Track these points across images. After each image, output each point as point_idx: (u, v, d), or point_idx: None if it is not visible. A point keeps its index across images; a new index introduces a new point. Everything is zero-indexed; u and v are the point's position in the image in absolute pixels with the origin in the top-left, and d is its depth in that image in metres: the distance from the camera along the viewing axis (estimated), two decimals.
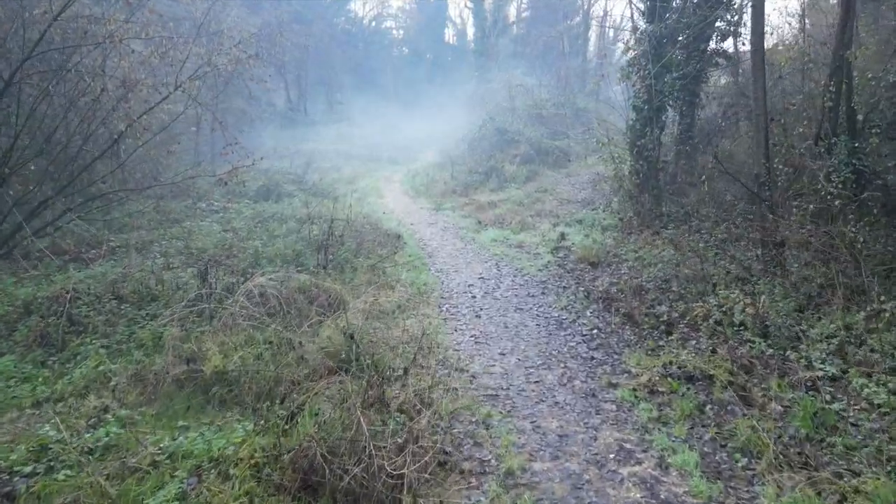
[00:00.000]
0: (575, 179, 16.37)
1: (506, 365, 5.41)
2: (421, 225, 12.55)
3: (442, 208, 14.49)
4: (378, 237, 10.53)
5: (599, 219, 11.76)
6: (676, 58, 10.38)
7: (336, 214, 12.43)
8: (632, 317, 6.59)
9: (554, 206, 13.72)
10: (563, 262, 8.99)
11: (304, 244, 9.32)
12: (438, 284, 7.92)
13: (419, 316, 6.60)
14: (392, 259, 9.10)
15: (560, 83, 25.13)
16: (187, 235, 10.48)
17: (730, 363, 5.13)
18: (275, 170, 17.75)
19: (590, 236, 10.51)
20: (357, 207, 14.50)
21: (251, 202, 14.13)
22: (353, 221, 11.45)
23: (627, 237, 10.26)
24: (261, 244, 9.43)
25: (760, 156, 7.03)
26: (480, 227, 12.10)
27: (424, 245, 10.46)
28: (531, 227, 11.73)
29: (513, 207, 13.70)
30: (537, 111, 20.69)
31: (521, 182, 16.24)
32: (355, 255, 8.89)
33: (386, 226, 11.99)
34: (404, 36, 57.32)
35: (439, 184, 17.54)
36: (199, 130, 20.10)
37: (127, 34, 7.69)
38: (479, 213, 13.52)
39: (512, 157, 17.57)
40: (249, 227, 11.19)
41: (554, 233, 10.93)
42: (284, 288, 6.42)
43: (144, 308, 6.13)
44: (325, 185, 17.06)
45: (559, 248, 9.83)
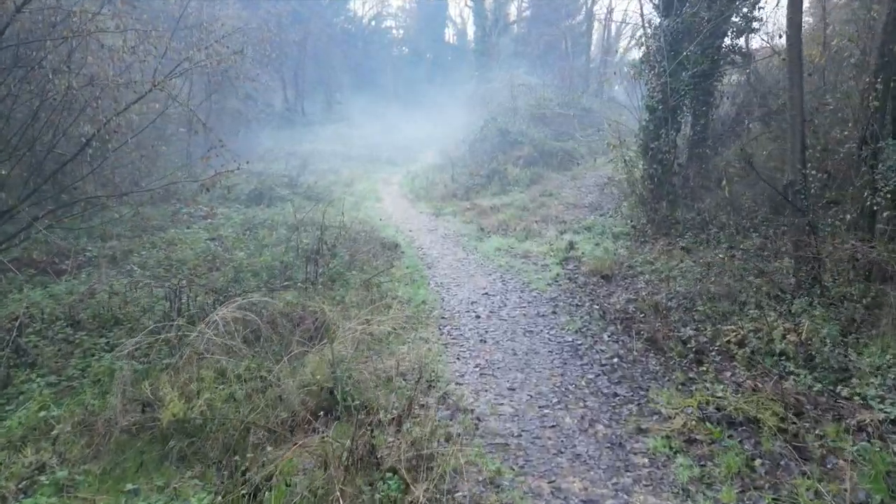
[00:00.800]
0: (581, 182, 15.64)
1: (516, 403, 4.68)
2: (420, 232, 11.83)
3: (442, 213, 13.76)
4: (374, 246, 9.80)
5: (609, 225, 11.03)
6: (693, 54, 9.65)
7: (330, 221, 11.72)
8: (655, 341, 5.86)
9: (560, 211, 12.98)
10: (574, 275, 8.26)
11: (294, 255, 8.60)
12: (439, 301, 7.19)
13: (417, 341, 5.88)
14: (388, 272, 8.37)
15: (564, 82, 24.38)
16: (169, 245, 9.77)
17: (777, 403, 4.40)
18: (269, 172, 17.03)
19: (601, 245, 9.78)
20: (353, 212, 13.79)
21: (242, 207, 13.41)
22: (347, 228, 10.74)
23: (641, 246, 9.53)
24: (246, 255, 8.71)
25: (795, 160, 6.30)
26: (483, 234, 11.37)
27: (424, 255, 9.73)
28: (537, 235, 11.00)
29: (517, 213, 12.96)
30: (540, 111, 19.95)
31: (524, 185, 15.51)
32: (348, 267, 8.16)
33: (383, 233, 11.26)
34: (404, 35, 56.63)
35: (439, 187, 16.81)
36: (190, 132, 19.40)
37: (97, 28, 6.95)
38: (481, 219, 12.79)
39: (515, 159, 16.83)
40: (237, 234, 10.47)
41: (562, 241, 10.20)
42: (266, 310, 5.70)
43: (106, 335, 5.40)
44: (321, 189, 16.32)
45: (568, 258, 9.10)
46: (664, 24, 9.77)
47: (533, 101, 20.76)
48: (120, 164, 12.44)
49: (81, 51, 7.27)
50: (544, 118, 19.77)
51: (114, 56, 7.47)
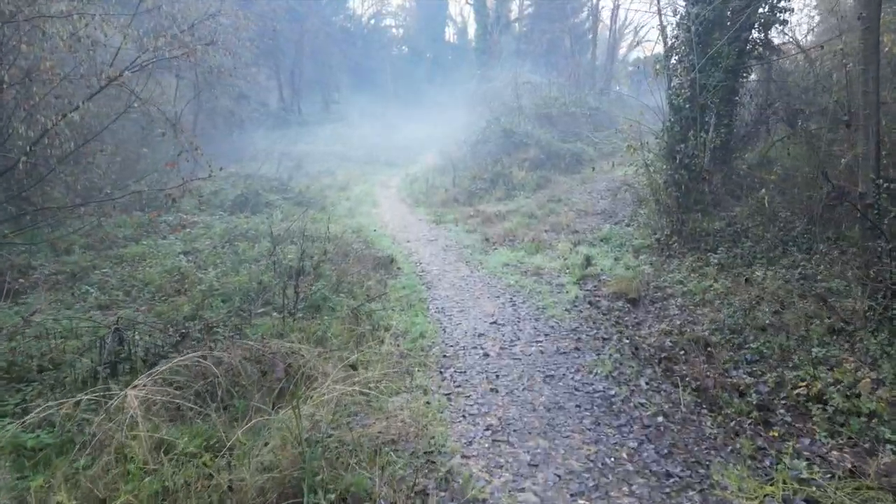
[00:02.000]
0: (591, 187, 14.53)
1: (540, 488, 3.58)
2: (419, 242, 10.71)
3: (443, 220, 12.65)
4: (367, 261, 8.70)
5: (628, 237, 9.92)
6: (725, 47, 8.55)
7: (320, 230, 10.61)
8: (705, 390, 4.76)
9: (571, 218, 11.87)
10: (595, 298, 7.15)
11: (275, 273, 7.49)
12: (439, 333, 6.08)
13: (413, 390, 4.77)
14: (382, 295, 7.27)
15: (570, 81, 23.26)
16: (138, 260, 8.67)
17: (884, 493, 3.30)
18: (259, 175, 15.91)
19: (621, 260, 8.68)
20: (347, 220, 12.69)
21: (226, 214, 12.30)
22: (337, 240, 9.63)
23: (667, 262, 8.43)
24: (220, 273, 7.60)
25: (868, 169, 5.20)
26: (488, 245, 10.27)
27: (423, 271, 8.62)
28: (548, 247, 9.89)
29: (524, 220, 11.85)
30: (546, 111, 18.83)
31: (531, 190, 14.40)
32: (336, 289, 7.05)
33: (378, 245, 10.15)
34: (404, 34, 55.58)
35: (440, 191, 15.70)
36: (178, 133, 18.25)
37: (37, 12, 5.86)
38: (485, 227, 11.69)
39: (520, 161, 15.71)
40: (215, 247, 9.36)
41: (576, 255, 9.10)
42: (228, 354, 4.59)
43: (24, 390, 4.29)
44: (313, 193, 15.22)
45: (586, 277, 7.99)
46: (693, 12, 8.66)
47: (538, 100, 19.63)
48: (91, 169, 11.38)
49: (16, 39, 6.16)
50: (550, 118, 18.66)
51: (57, 46, 6.34)
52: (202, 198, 9.60)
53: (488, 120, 18.19)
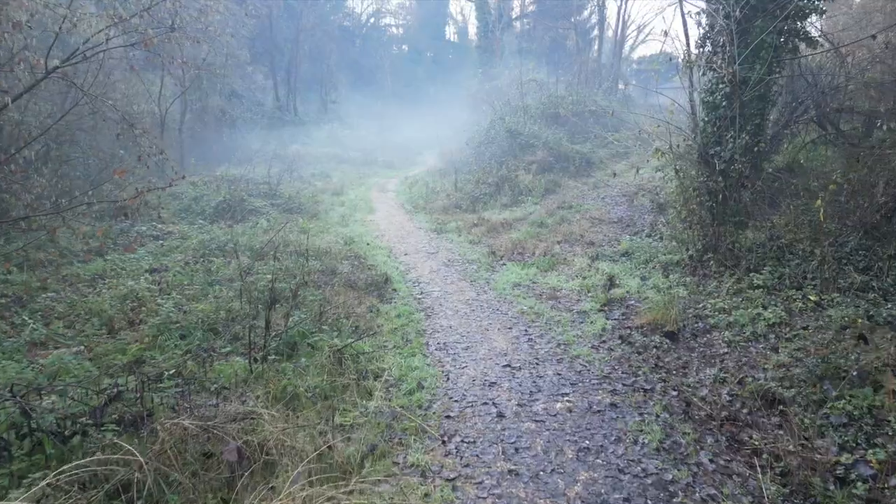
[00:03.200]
0: (604, 192, 13.36)
1: None
2: (418, 256, 9.55)
3: (444, 230, 11.49)
4: (358, 282, 7.53)
5: (652, 250, 8.76)
6: (772, 36, 7.37)
7: (309, 241, 9.46)
8: (790, 474, 3.60)
9: (585, 228, 10.71)
10: (626, 331, 5.98)
11: (249, 298, 6.34)
12: (441, 381, 4.91)
13: (407, 472, 3.61)
14: (372, 327, 6.10)
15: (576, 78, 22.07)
16: (96, 279, 7.52)
17: None
18: (246, 178, 14.73)
19: (649, 280, 7.52)
20: (340, 228, 11.53)
21: (206, 223, 11.13)
22: (326, 254, 8.47)
23: (702, 283, 7.27)
24: (184, 300, 6.44)
25: None
26: (495, 260, 9.10)
27: (421, 293, 7.45)
28: (562, 262, 8.73)
29: (533, 230, 10.69)
30: (553, 110, 17.65)
31: (539, 195, 13.23)
32: (318, 321, 5.88)
33: (372, 260, 8.99)
34: (404, 33, 54.49)
35: (441, 196, 14.54)
36: (163, 132, 17.11)
37: None
38: (490, 238, 10.52)
39: (527, 164, 14.54)
40: (187, 263, 8.20)
41: (595, 272, 7.95)
42: (167, 434, 3.43)
43: None
44: (305, 198, 14.05)
45: (612, 302, 6.83)
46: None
47: (545, 98, 18.44)
48: (64, 174, 10.29)
49: None
50: (557, 118, 17.47)
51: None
52: (160, 211, 8.44)
53: (492, 120, 17.02)
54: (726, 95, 7.54)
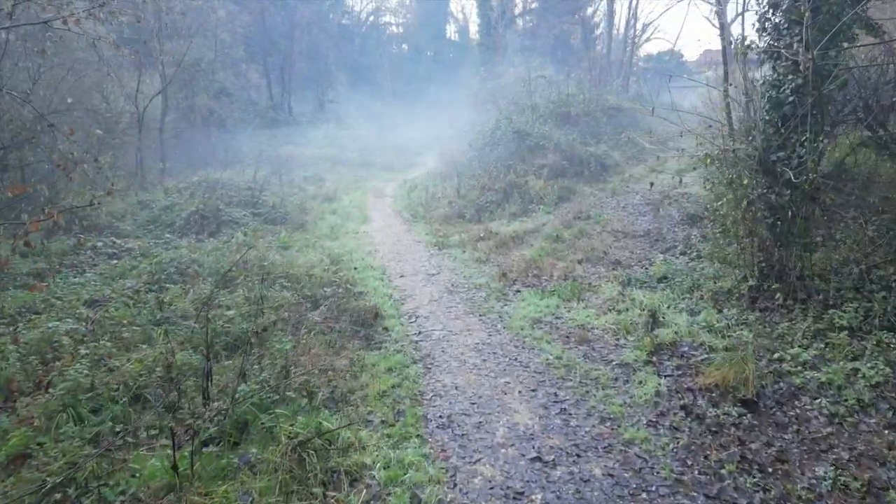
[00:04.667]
0: (624, 200, 11.86)
1: None
2: (416, 279, 8.05)
3: (447, 244, 9.99)
4: (343, 317, 6.04)
5: (694, 274, 7.28)
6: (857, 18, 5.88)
7: (288, 260, 7.98)
8: None
9: (608, 243, 9.22)
10: (688, 397, 4.49)
11: (203, 343, 4.86)
12: (445, 489, 3.42)
13: None
14: (355, 384, 4.61)
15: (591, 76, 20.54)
16: (21, 312, 6.05)
17: None
18: (229, 183, 13.23)
19: (699, 316, 6.02)
20: (329, 241, 10.04)
21: (174, 237, 9.64)
22: (306, 280, 7.00)
23: (768, 321, 5.78)
24: (113, 351, 4.95)
25: None
26: (507, 285, 7.61)
27: (419, 333, 5.96)
28: (587, 288, 7.24)
29: (548, 246, 9.20)
30: (564, 109, 16.11)
31: (551, 203, 11.73)
32: (283, 381, 4.39)
33: (362, 285, 7.49)
34: (404, 32, 53.00)
35: (442, 203, 13.04)
36: (142, 133, 15.60)
37: None
38: (500, 255, 9.03)
39: (537, 168, 13.03)
40: (137, 292, 6.71)
41: (631, 304, 6.46)
42: None
43: None
44: (293, 206, 12.54)
45: (661, 348, 5.34)
46: None
47: (554, 96, 16.92)
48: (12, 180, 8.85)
49: None
50: (568, 118, 15.94)
51: None
52: (80, 238, 7.00)
53: (497, 120, 15.51)
54: (796, 89, 6.03)
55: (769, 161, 6.37)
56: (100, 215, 9.81)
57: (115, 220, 10.12)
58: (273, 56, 29.63)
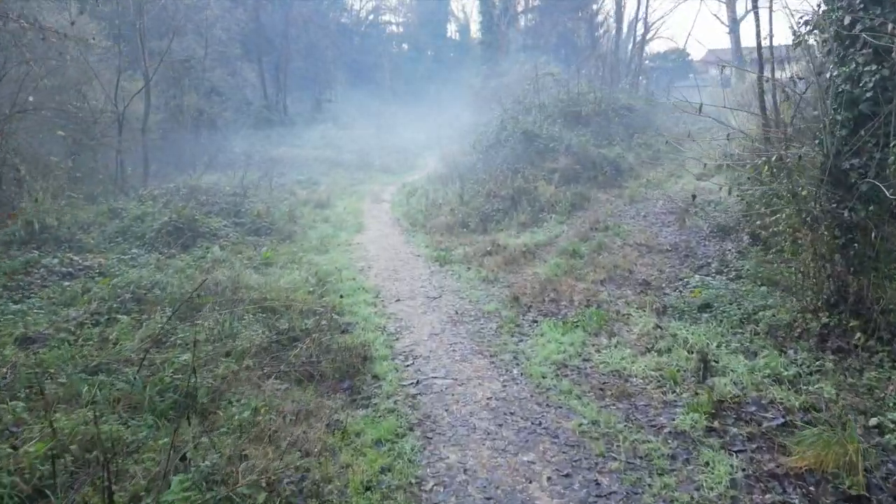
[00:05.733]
0: (643, 207, 10.72)
1: None
2: (414, 305, 6.90)
3: (449, 259, 8.84)
4: (324, 358, 4.91)
5: (739, 299, 6.14)
6: None
7: (265, 282, 6.85)
8: None
9: (631, 259, 8.08)
10: (775, 493, 3.34)
11: (149, 398, 3.74)
12: None
13: None
14: (331, 470, 3.46)
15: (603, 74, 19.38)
16: None
17: None
18: (213, 189, 12.09)
19: (758, 359, 4.87)
20: (317, 256, 8.91)
21: (143, 251, 8.50)
22: (285, 305, 5.87)
23: (849, 366, 4.64)
24: (25, 419, 3.82)
25: None
26: (520, 312, 6.46)
27: (417, 383, 4.80)
28: (615, 317, 6.10)
29: (565, 262, 8.06)
30: (574, 109, 14.95)
31: (564, 212, 10.58)
32: (232, 477, 3.24)
33: (349, 313, 6.35)
34: (404, 31, 51.90)
35: (444, 210, 11.90)
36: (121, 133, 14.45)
37: None
38: (510, 274, 7.89)
39: (548, 172, 11.87)
40: (82, 325, 5.57)
41: (672, 341, 5.32)
42: None
43: None
44: (279, 215, 11.40)
45: (722, 407, 4.19)
46: None
47: (563, 95, 15.75)
48: None
49: None
50: (579, 118, 14.79)
51: None
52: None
53: (503, 120, 14.35)
54: (881, 82, 4.88)
55: (840, 170, 5.22)
56: (59, 227, 8.66)
57: (79, 232, 8.98)
58: (269, 54, 28.50)
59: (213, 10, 23.42)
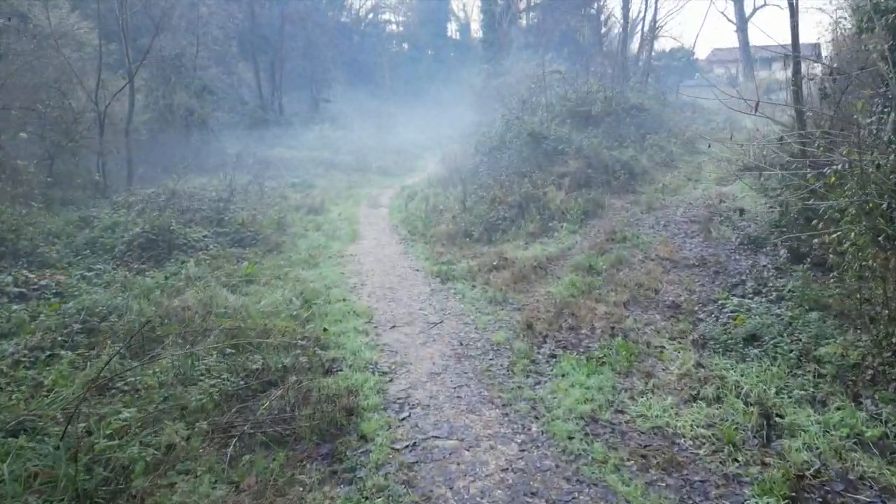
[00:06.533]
0: (663, 216, 9.78)
1: None
2: (412, 333, 5.97)
3: (452, 274, 7.91)
4: (298, 415, 3.98)
5: (786, 326, 5.23)
6: None
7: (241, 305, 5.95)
8: None
9: (656, 275, 7.17)
10: None
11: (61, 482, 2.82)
12: None
13: None
14: None
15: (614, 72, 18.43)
16: None
17: None
18: (196, 195, 11.17)
19: (833, 413, 3.96)
20: (304, 271, 8.00)
21: (110, 266, 7.58)
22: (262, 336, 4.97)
23: None
24: None
25: None
26: (534, 343, 5.53)
27: (413, 446, 3.86)
28: (646, 350, 5.18)
29: (580, 280, 7.14)
30: (584, 109, 14.02)
31: (576, 220, 9.66)
32: None
33: (335, 346, 5.42)
34: (404, 30, 50.95)
35: (445, 217, 10.98)
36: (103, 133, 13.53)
37: None
38: (519, 294, 6.97)
39: (557, 177, 10.94)
40: (17, 364, 4.66)
41: (720, 386, 4.40)
42: None
43: None
44: (268, 222, 10.48)
45: (804, 491, 3.27)
46: None
47: (572, 94, 14.80)
48: None
49: None
50: (588, 119, 13.85)
51: None
52: None
53: (508, 120, 13.42)
54: None
55: None
56: (18, 239, 7.74)
57: (42, 244, 8.05)
58: (265, 52, 27.56)
59: (207, 6, 22.52)
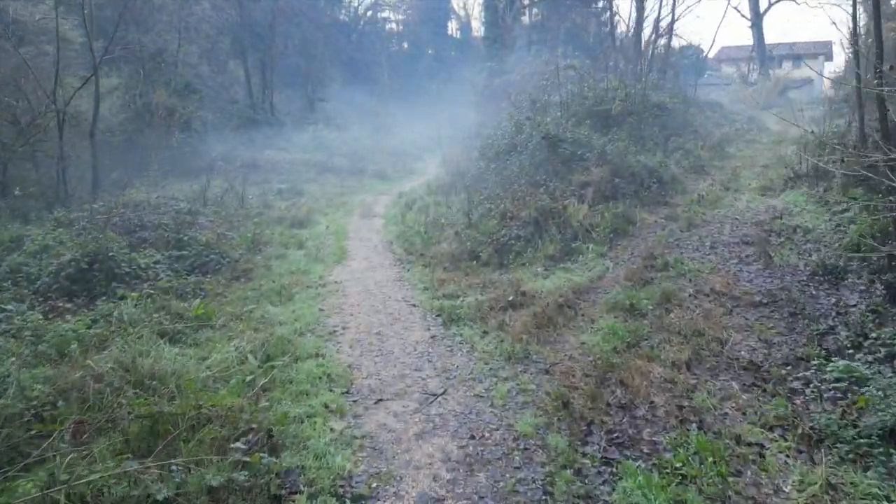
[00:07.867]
0: (707, 235, 8.14)
1: None
2: (403, 414, 4.33)
3: (456, 314, 6.23)
4: None
5: None
6: None
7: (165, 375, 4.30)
8: None
9: (716, 318, 5.55)
10: None
11: None
12: None
13: None
14: None
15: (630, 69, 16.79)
16: None
17: None
18: (160, 207, 9.53)
19: None
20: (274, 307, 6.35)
21: (27, 306, 5.95)
22: (180, 438, 3.27)
23: None
24: None
25: None
26: (578, 440, 3.90)
27: None
28: (736, 454, 3.56)
29: (621, 325, 5.51)
30: (602, 108, 12.36)
31: (604, 240, 8.03)
32: None
33: (290, 447, 3.78)
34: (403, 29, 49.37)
35: (448, 234, 9.36)
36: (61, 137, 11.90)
37: None
38: (544, 345, 5.34)
39: (578, 187, 9.29)
40: None
41: None
42: None
43: None
44: (240, 240, 8.85)
45: None
46: None
47: (589, 92, 13.16)
48: None
49: None
50: (608, 119, 12.20)
51: None
52: None
53: (517, 121, 11.79)
54: None
55: None
56: None
57: None
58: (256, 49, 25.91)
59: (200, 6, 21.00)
